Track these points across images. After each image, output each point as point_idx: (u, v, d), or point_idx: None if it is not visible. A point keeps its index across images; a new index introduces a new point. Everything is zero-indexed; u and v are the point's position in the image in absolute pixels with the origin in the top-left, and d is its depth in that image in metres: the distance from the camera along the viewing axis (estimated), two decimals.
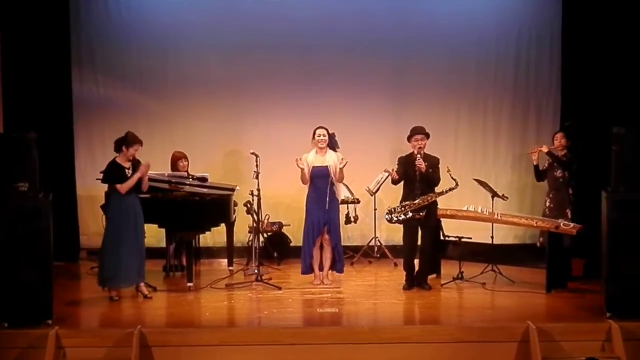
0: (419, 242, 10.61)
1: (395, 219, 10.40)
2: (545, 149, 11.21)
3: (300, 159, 10.56)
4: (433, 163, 10.43)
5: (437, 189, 10.45)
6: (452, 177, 10.28)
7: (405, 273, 10.60)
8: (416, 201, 10.32)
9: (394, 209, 10.42)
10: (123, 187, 9.92)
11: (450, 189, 10.40)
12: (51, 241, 8.73)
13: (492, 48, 13.33)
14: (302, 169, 10.56)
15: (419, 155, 10.30)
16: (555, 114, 13.19)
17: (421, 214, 10.34)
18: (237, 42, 13.09)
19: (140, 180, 10.03)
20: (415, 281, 10.54)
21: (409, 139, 10.50)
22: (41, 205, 8.70)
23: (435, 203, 10.51)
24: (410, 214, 10.32)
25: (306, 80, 13.18)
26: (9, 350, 8.26)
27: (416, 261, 10.63)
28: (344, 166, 10.55)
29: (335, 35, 13.10)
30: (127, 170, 9.99)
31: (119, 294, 10.12)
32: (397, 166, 10.52)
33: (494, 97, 13.40)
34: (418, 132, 10.45)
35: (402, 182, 10.47)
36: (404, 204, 10.38)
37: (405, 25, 13.16)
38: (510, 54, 13.34)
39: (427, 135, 10.47)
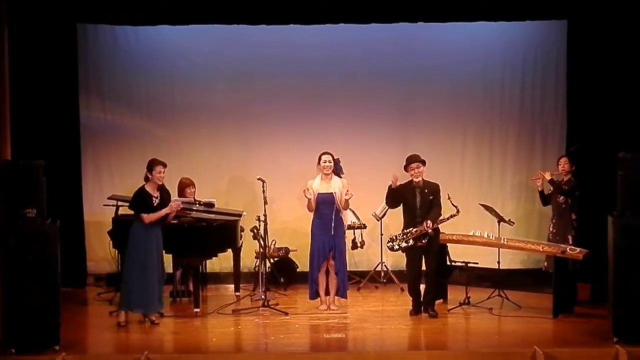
0: (423, 268, 10.57)
1: (397, 247, 10.41)
2: (548, 177, 11.20)
3: (308, 189, 10.60)
4: (433, 189, 10.41)
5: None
6: (452, 204, 10.30)
7: (411, 299, 10.60)
8: (417, 229, 10.29)
9: (396, 236, 10.44)
10: (149, 218, 9.97)
11: (452, 216, 10.39)
12: (58, 267, 8.78)
13: (498, 74, 13.35)
14: (309, 199, 10.60)
15: (426, 224, 10.22)
16: (561, 139, 13.19)
17: (423, 241, 10.32)
18: (242, 69, 13.16)
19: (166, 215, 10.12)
20: (422, 307, 10.51)
21: (405, 168, 10.50)
22: (49, 231, 8.76)
23: (437, 230, 10.46)
24: (411, 242, 10.31)
25: (312, 107, 13.21)
26: None
27: (422, 287, 10.62)
28: (349, 198, 10.61)
29: (340, 62, 13.14)
30: (154, 199, 10.04)
31: (126, 320, 10.13)
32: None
33: (500, 122, 13.41)
34: (413, 160, 10.46)
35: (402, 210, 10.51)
36: (405, 231, 10.37)
37: (410, 51, 13.20)
38: (515, 80, 13.36)
39: (423, 163, 10.46)
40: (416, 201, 10.35)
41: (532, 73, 13.34)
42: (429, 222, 10.19)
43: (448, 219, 10.42)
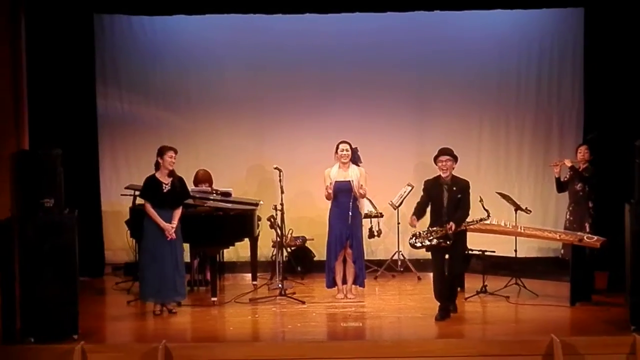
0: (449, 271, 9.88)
1: (420, 244, 9.74)
2: (568, 163, 11.17)
3: (330, 183, 10.61)
4: (462, 187, 9.74)
5: (468, 219, 9.77)
6: (484, 208, 9.75)
7: (438, 304, 9.82)
8: (443, 228, 9.59)
9: (419, 233, 9.74)
10: (150, 211, 10.01)
11: (481, 220, 9.82)
12: (76, 257, 8.82)
13: (514, 62, 13.30)
14: (327, 188, 10.60)
15: (448, 226, 9.52)
16: (578, 127, 13.14)
17: (448, 242, 9.61)
18: (258, 58, 13.16)
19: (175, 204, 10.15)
20: (449, 311, 9.82)
21: (435, 159, 9.87)
22: (66, 221, 8.79)
23: (463, 231, 9.81)
24: (435, 241, 9.63)
25: (328, 95, 13.21)
26: None
27: None
28: (364, 193, 10.65)
29: (356, 50, 13.11)
30: (164, 186, 10.06)
31: (161, 309, 10.16)
32: (422, 193, 10.01)
33: (516, 110, 13.37)
34: (444, 152, 9.81)
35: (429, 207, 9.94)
36: (430, 229, 9.70)
37: (426, 40, 13.16)
38: (532, 68, 13.31)
39: (455, 158, 9.81)
40: (443, 198, 9.71)
41: (548, 61, 13.29)
42: (452, 224, 9.53)
43: (477, 222, 9.83)
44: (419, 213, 9.91)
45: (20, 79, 9.11)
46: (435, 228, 9.67)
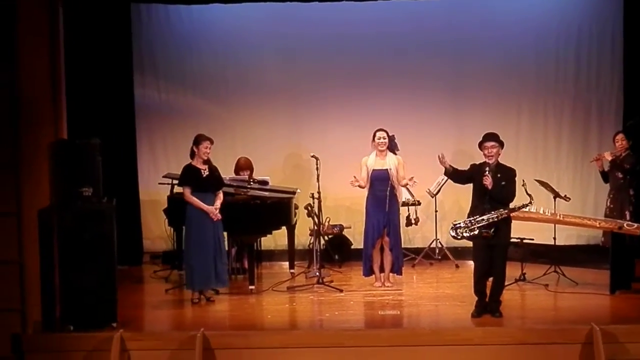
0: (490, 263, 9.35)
1: (461, 234, 9.27)
2: (608, 157, 11.08)
3: (358, 179, 10.58)
4: (507, 175, 9.24)
5: (511, 205, 9.24)
6: (526, 192, 9.21)
7: (476, 298, 9.41)
8: (485, 217, 9.15)
9: (460, 224, 9.25)
10: (189, 198, 9.99)
11: (524, 205, 9.25)
12: (115, 245, 8.86)
13: (552, 46, 13.21)
14: (361, 180, 10.61)
15: (487, 169, 9.17)
16: (618, 114, 13.03)
17: (490, 231, 9.14)
18: (294, 47, 13.19)
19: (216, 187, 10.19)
20: (487, 307, 9.33)
21: (480, 146, 9.36)
22: (105, 210, 8.84)
23: (507, 220, 9.27)
24: (477, 231, 9.12)
25: (364, 83, 13.17)
26: (74, 353, 8.40)
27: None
28: (412, 185, 10.63)
29: (391, 38, 13.09)
30: (203, 171, 10.06)
31: (199, 297, 10.17)
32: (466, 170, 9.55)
33: (554, 96, 13.28)
34: (488, 139, 9.30)
35: (472, 193, 9.45)
36: (471, 219, 9.20)
37: (462, 24, 13.11)
38: (570, 53, 13.21)
39: (501, 144, 9.30)
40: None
41: (587, 45, 13.18)
42: (502, 210, 9.10)
43: (519, 208, 9.28)
44: (454, 170, 9.52)
45: (58, 69, 9.14)
46: (475, 217, 9.18)
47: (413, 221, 12.38)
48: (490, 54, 13.19)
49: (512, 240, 10.97)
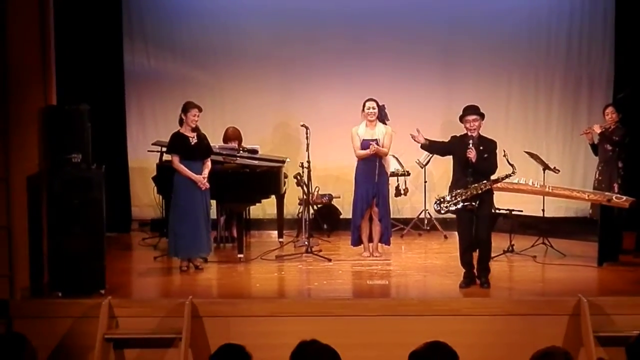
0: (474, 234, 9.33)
1: (445, 209, 9.19)
2: (597, 130, 11.07)
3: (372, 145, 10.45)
4: (489, 148, 9.24)
5: (493, 177, 9.29)
6: (509, 162, 9.23)
7: (463, 270, 9.38)
8: (468, 190, 9.11)
9: (443, 198, 9.24)
10: (178, 166, 9.95)
11: (507, 176, 9.33)
12: (104, 212, 8.85)
13: (544, 19, 13.17)
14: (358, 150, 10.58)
15: (470, 142, 9.16)
16: (608, 86, 13.03)
17: (473, 204, 9.12)
18: (285, 15, 13.08)
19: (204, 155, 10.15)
20: (475, 277, 9.33)
21: (461, 119, 9.36)
22: (94, 177, 8.81)
23: (489, 192, 9.29)
24: (461, 204, 9.13)
25: (354, 53, 13.10)
26: (63, 320, 8.40)
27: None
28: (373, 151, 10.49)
29: (385, 8, 13.00)
30: (191, 139, 10.01)
31: (188, 265, 10.14)
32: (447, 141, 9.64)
33: (545, 69, 13.26)
34: (470, 112, 9.29)
35: (453, 165, 9.44)
36: (454, 193, 9.18)
37: None
38: (562, 26, 13.17)
39: (482, 116, 9.29)
40: (468, 158, 9.13)
41: (579, 18, 13.16)
42: (485, 182, 9.13)
43: (502, 179, 9.38)
44: (431, 143, 9.67)
45: (47, 35, 9.08)
46: (459, 191, 9.16)
47: (402, 191, 12.38)
48: (483, 27, 13.13)
49: (501, 211, 11.06)
